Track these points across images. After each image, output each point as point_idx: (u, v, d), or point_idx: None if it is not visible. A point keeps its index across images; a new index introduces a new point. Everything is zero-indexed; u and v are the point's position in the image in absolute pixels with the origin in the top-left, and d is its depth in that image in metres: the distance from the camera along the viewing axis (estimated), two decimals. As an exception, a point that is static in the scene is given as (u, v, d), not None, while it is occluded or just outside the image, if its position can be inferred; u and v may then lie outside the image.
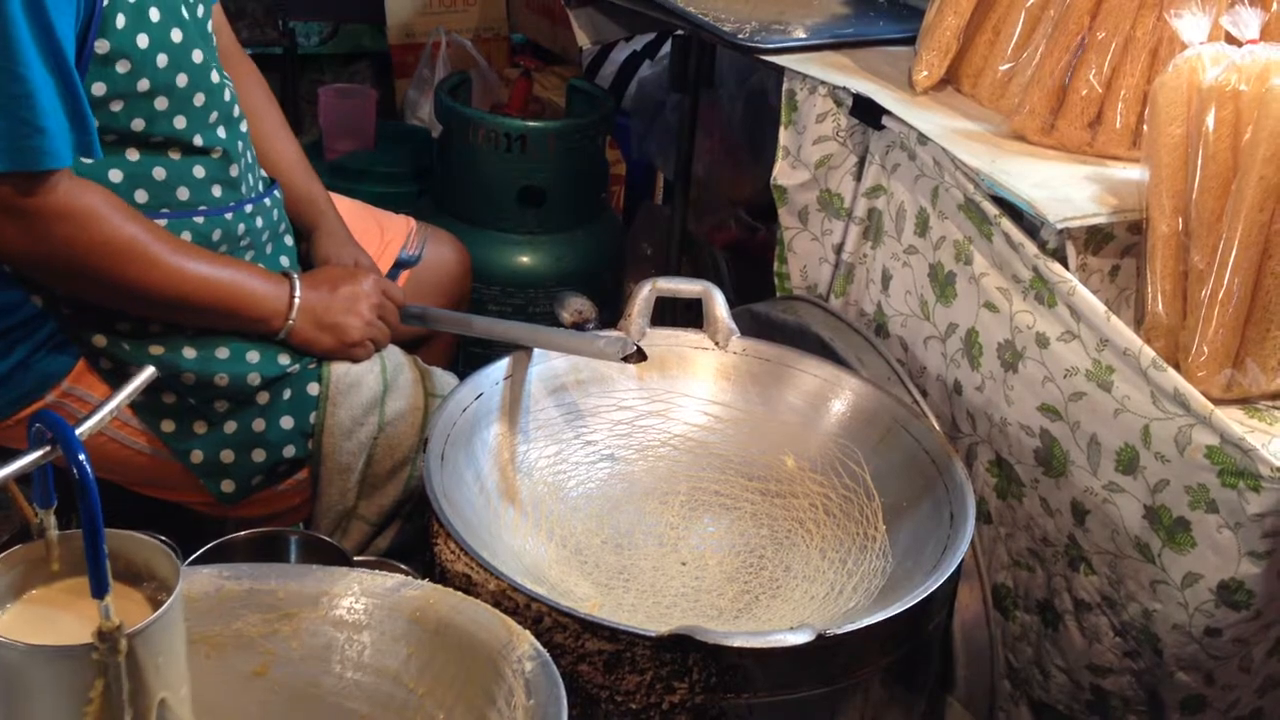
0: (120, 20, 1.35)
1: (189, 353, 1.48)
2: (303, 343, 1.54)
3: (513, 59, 3.11)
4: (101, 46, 1.34)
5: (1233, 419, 1.36)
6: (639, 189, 2.93)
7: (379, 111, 2.77)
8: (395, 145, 2.71)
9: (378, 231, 1.82)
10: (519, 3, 3.13)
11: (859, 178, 1.79)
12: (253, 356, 1.51)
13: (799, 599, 1.37)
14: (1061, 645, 1.56)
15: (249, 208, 1.54)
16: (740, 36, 1.89)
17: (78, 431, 0.81)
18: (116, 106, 1.38)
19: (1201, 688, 1.44)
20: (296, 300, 1.52)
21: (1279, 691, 1.48)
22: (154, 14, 1.38)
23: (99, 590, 0.79)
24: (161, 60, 1.39)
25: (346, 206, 1.79)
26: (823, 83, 1.79)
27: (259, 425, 1.52)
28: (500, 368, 1.49)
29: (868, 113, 1.73)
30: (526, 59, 3.07)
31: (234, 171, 1.51)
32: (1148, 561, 1.42)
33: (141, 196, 1.44)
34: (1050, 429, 1.50)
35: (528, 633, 1.05)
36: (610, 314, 1.64)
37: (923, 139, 1.64)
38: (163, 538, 1.33)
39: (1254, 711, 1.49)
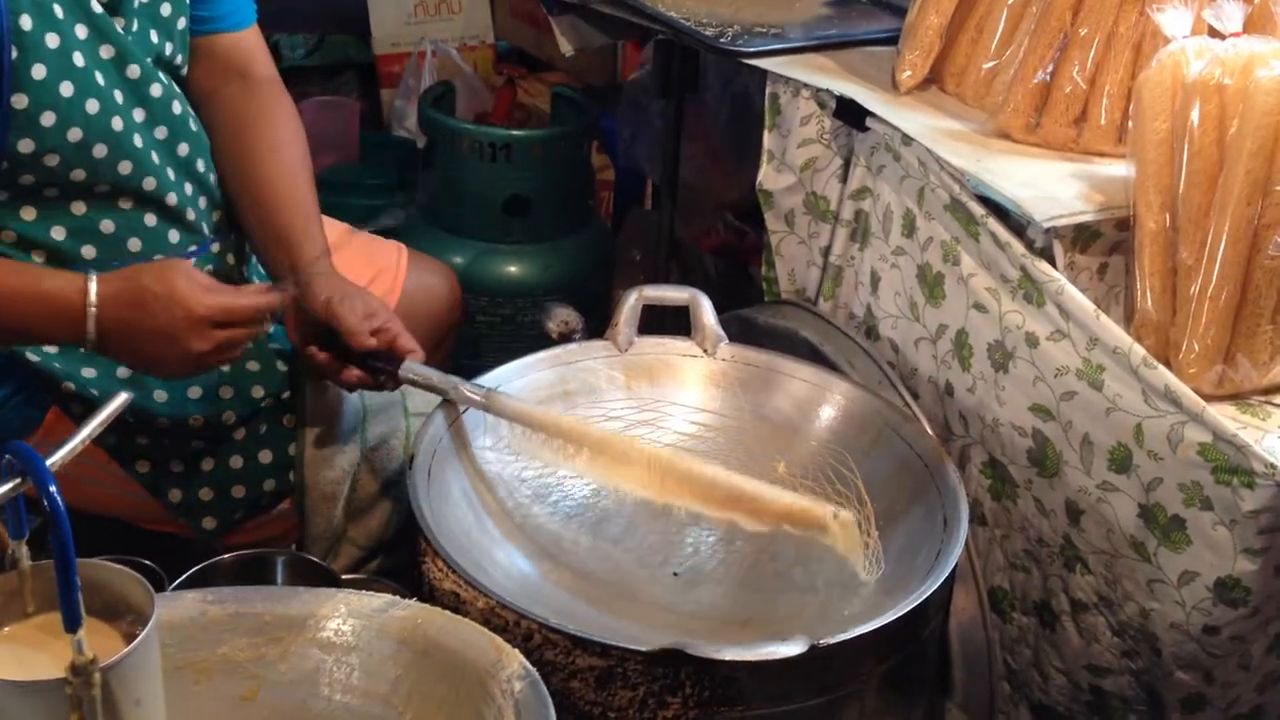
0: (39, 71, 1.27)
1: (160, 396, 1.43)
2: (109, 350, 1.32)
3: (498, 66, 3.10)
4: (19, 101, 1.26)
5: (1225, 415, 1.35)
6: (628, 194, 2.92)
7: (367, 123, 2.76)
8: (380, 157, 2.70)
9: (364, 260, 1.72)
10: (504, 10, 3.12)
11: (845, 180, 1.77)
12: (226, 392, 1.46)
13: (793, 607, 1.35)
14: (1059, 646, 1.55)
15: (215, 246, 1.48)
16: (723, 41, 1.88)
17: (49, 462, 0.80)
18: (52, 161, 1.31)
19: (1201, 686, 1.43)
20: (91, 302, 1.28)
21: (1279, 688, 1.47)
22: (78, 59, 1.30)
23: (71, 624, 0.78)
24: (92, 107, 1.31)
25: (337, 234, 1.69)
26: (806, 85, 1.77)
27: (236, 462, 1.49)
28: (487, 381, 1.47)
29: (852, 114, 1.72)
30: (511, 66, 3.06)
31: (191, 215, 1.44)
32: (1144, 560, 1.41)
33: (89, 252, 1.37)
34: (1042, 429, 1.48)
35: (517, 652, 1.04)
36: (599, 322, 1.62)
37: (907, 140, 1.63)
38: (145, 561, 1.33)
39: (1254, 709, 1.48)
